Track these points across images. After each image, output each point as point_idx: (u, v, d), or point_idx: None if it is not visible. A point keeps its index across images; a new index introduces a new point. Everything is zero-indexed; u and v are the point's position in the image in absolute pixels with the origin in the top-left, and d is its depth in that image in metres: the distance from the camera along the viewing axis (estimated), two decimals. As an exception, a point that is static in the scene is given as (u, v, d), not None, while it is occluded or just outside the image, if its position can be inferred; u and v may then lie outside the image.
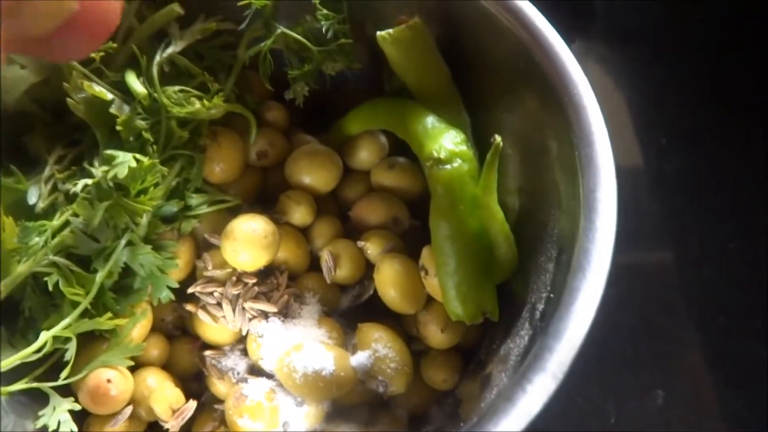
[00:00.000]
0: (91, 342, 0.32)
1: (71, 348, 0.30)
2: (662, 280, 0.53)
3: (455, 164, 0.31)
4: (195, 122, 0.34)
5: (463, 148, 0.32)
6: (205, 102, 0.33)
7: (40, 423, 0.30)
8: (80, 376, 0.31)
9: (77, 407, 0.30)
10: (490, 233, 0.31)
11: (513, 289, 0.32)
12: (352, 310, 0.37)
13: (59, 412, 0.30)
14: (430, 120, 0.33)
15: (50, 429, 0.29)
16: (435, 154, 0.31)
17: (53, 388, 0.30)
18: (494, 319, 0.32)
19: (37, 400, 0.31)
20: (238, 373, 0.34)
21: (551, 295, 0.27)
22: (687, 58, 0.59)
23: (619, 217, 0.26)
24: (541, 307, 0.28)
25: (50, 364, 0.31)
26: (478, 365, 0.35)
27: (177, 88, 0.33)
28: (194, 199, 0.35)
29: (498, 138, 0.28)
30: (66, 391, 0.31)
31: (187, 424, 0.34)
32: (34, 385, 0.30)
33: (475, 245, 0.31)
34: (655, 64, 0.60)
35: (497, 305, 0.32)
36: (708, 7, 0.62)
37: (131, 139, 0.32)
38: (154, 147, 0.32)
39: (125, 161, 0.30)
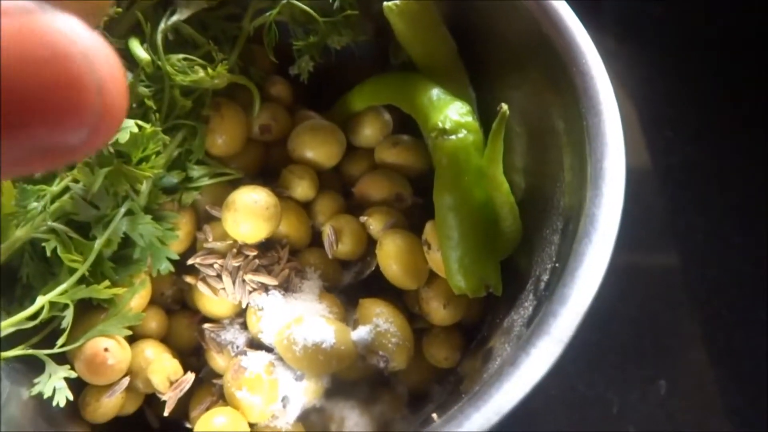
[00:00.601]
0: (89, 312, 0.32)
1: (68, 315, 0.30)
2: (666, 274, 0.53)
3: (460, 135, 0.31)
4: (198, 92, 0.34)
5: (469, 119, 0.31)
6: (209, 71, 0.33)
7: (35, 390, 0.29)
8: (77, 344, 0.30)
9: (73, 375, 0.30)
10: (495, 205, 0.30)
11: (517, 264, 0.32)
12: (353, 286, 0.37)
13: (55, 380, 0.29)
14: (436, 92, 0.33)
15: (45, 396, 0.29)
16: (440, 125, 0.31)
17: (49, 356, 0.30)
18: (497, 293, 0.32)
19: (33, 368, 0.30)
20: (237, 347, 0.34)
21: (557, 265, 0.26)
22: (693, 54, 0.59)
23: (624, 210, 0.26)
24: (546, 278, 0.27)
25: (47, 333, 0.31)
26: (480, 342, 0.34)
27: (181, 56, 0.33)
28: (196, 171, 0.35)
29: (504, 106, 0.28)
30: (62, 361, 0.31)
31: (185, 399, 0.34)
32: (30, 351, 0.29)
33: (479, 217, 0.31)
34: (661, 59, 0.60)
35: (500, 279, 0.32)
36: (714, 4, 0.62)
37: (134, 105, 0.31)
38: (157, 115, 0.32)
39: (127, 127, 0.29)
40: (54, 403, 0.29)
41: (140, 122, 0.30)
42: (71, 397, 0.29)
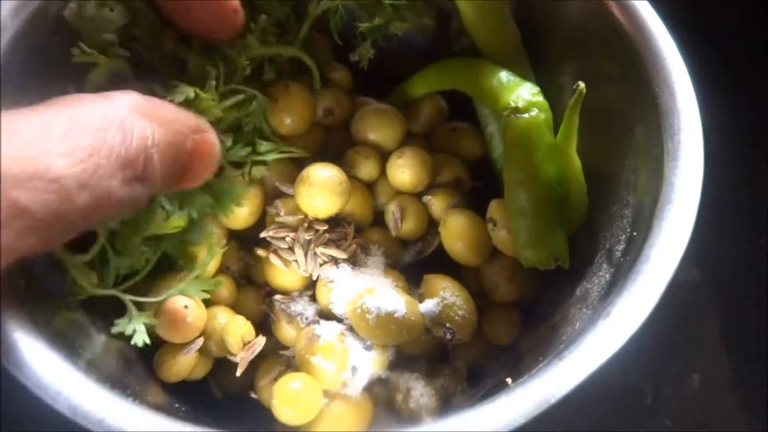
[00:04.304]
0: (168, 272, 0.33)
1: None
2: (699, 273, 0.54)
3: (533, 113, 0.32)
4: (257, 60, 0.35)
5: (540, 98, 0.33)
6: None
7: (116, 329, 0.30)
8: (160, 298, 0.31)
9: (154, 321, 0.31)
10: (567, 181, 0.32)
11: (581, 241, 0.33)
12: (412, 265, 0.38)
13: (135, 323, 0.30)
14: (504, 75, 0.34)
15: (127, 333, 0.30)
16: (512, 104, 0.32)
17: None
18: (565, 266, 0.33)
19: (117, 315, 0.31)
20: (307, 318, 0.35)
21: (634, 234, 0.28)
22: (716, 57, 0.61)
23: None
24: (621, 247, 0.29)
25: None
26: (539, 318, 0.35)
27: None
28: (264, 146, 0.36)
29: (581, 84, 0.29)
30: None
31: (251, 371, 0.35)
32: (114, 292, 0.30)
33: (549, 193, 0.32)
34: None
35: (568, 253, 0.33)
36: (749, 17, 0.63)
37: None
38: (215, 81, 0.33)
39: (185, 92, 0.30)
40: (132, 342, 0.30)
41: (197, 90, 0.31)
42: (148, 341, 0.30)
